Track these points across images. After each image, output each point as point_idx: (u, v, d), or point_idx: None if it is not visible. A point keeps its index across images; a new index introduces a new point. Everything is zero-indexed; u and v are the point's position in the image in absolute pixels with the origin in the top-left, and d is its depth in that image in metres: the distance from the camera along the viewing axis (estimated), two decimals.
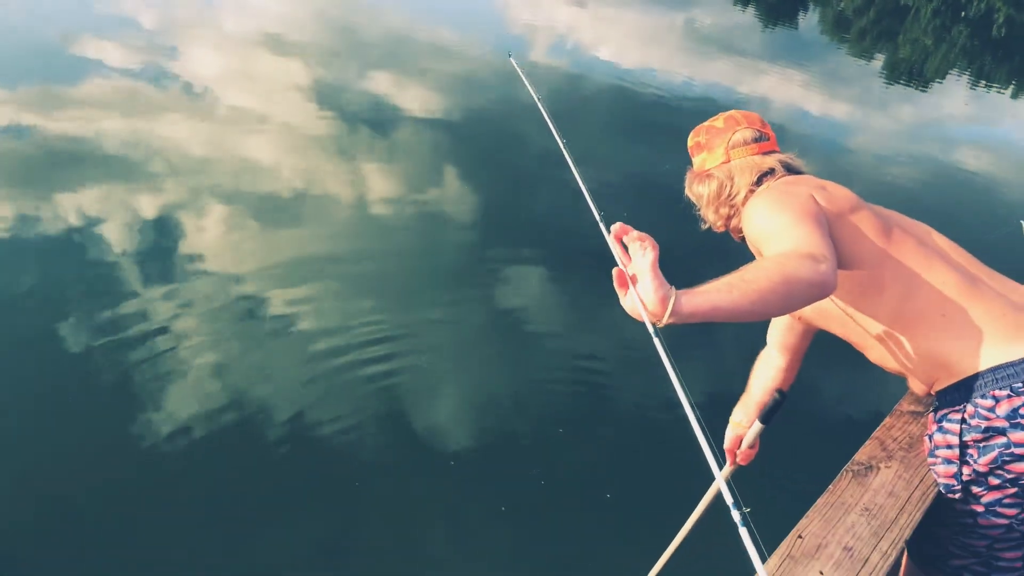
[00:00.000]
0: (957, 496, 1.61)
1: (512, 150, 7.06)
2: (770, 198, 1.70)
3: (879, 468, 1.65)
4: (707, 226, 1.95)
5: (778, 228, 1.58)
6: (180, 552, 2.94)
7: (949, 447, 1.60)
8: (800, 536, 1.45)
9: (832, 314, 1.75)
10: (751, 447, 1.93)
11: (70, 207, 5.05)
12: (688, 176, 1.98)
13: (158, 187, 5.47)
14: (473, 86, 8.82)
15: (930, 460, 1.66)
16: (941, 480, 1.63)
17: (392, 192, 6.02)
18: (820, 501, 1.55)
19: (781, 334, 2.02)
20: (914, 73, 14.96)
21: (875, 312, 1.66)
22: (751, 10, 18.63)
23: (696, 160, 1.96)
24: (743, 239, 1.87)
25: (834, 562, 1.41)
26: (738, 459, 1.98)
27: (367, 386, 3.89)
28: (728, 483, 1.20)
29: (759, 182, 1.82)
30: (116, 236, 4.81)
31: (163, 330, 4.04)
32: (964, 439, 1.57)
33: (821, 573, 1.38)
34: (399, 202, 5.87)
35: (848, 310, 1.70)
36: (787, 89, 11.14)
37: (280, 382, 3.84)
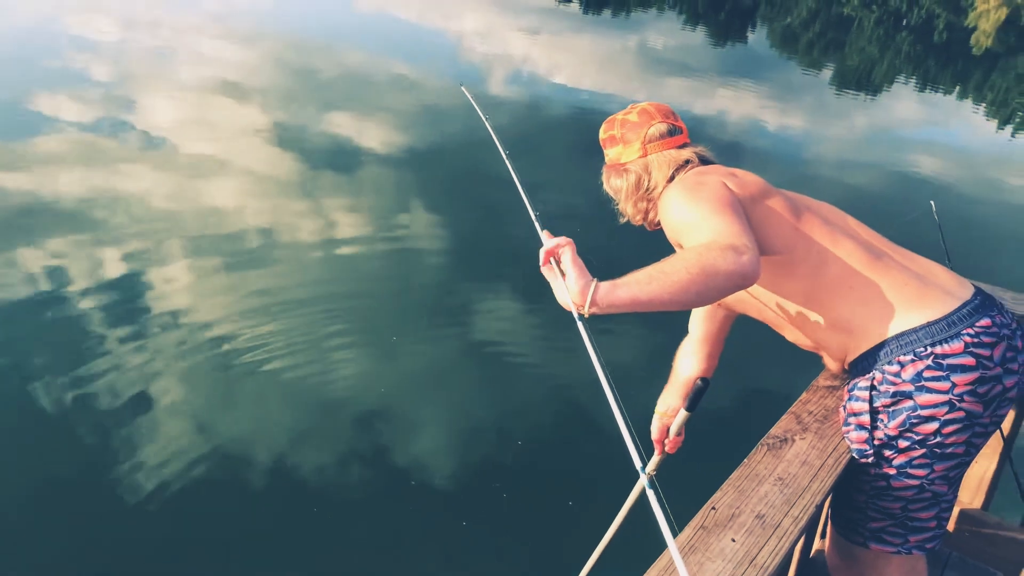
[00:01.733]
0: (870, 460, 1.67)
1: (472, 180, 7.15)
2: (684, 189, 1.74)
3: (794, 440, 1.72)
4: (625, 220, 2.00)
5: (696, 219, 1.63)
6: None
7: (860, 414, 1.67)
8: (714, 508, 1.51)
9: (747, 299, 1.82)
10: (678, 435, 1.97)
11: (33, 264, 5.03)
12: (604, 170, 2.02)
13: (121, 239, 5.47)
14: (430, 119, 8.94)
15: (844, 428, 1.73)
16: (855, 446, 1.69)
17: (357, 229, 6.08)
18: (734, 474, 1.60)
19: (701, 322, 2.09)
20: (862, 81, 15.34)
21: (788, 292, 1.73)
22: (701, 29, 19.04)
23: (611, 152, 1.99)
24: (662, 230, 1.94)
25: (746, 530, 1.46)
26: (666, 448, 2.03)
27: (341, 421, 3.93)
28: (649, 476, 1.27)
29: (676, 173, 1.87)
30: (81, 290, 4.80)
31: (136, 381, 4.05)
32: (874, 405, 1.64)
33: (733, 540, 1.43)
34: (364, 239, 5.93)
35: (762, 292, 1.77)
36: (742, 104, 11.39)
37: (256, 423, 3.88)
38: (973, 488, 2.54)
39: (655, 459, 1.99)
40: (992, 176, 9.55)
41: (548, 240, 1.57)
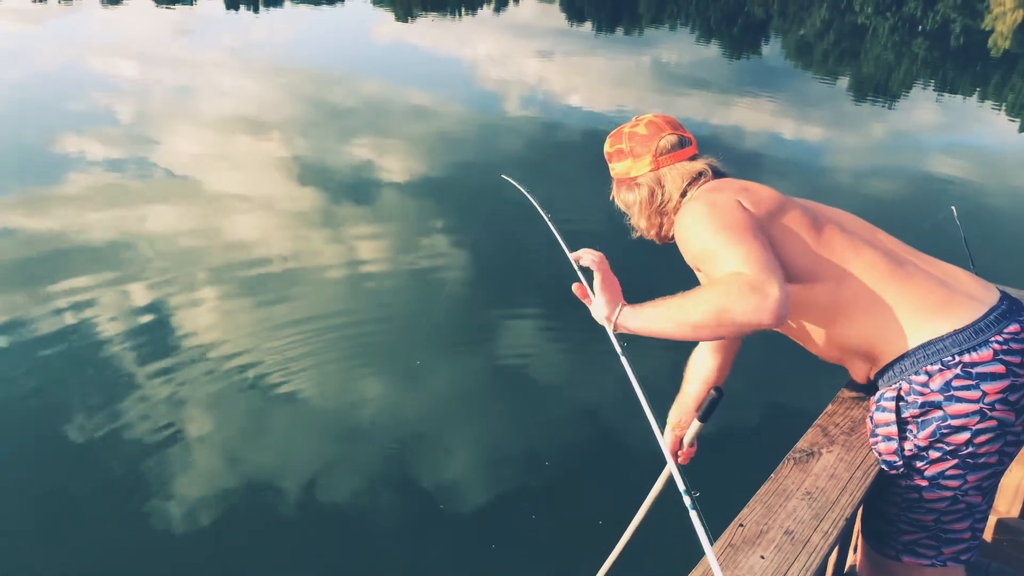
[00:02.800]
0: (900, 472, 1.65)
1: (494, 204, 7.19)
2: (701, 213, 1.70)
3: (821, 453, 1.70)
4: (639, 234, 1.98)
5: (717, 247, 1.60)
6: None
7: (887, 425, 1.64)
8: (741, 525, 1.49)
9: None
10: (691, 446, 1.97)
11: (63, 303, 5.12)
12: (615, 184, 2.00)
13: (148, 274, 5.56)
14: (449, 145, 9.02)
15: (872, 440, 1.70)
16: (884, 458, 1.67)
17: (379, 256, 6.13)
18: (762, 489, 1.59)
19: None
20: (880, 89, 15.25)
21: (809, 307, 1.71)
22: (715, 44, 19.08)
23: (618, 167, 1.95)
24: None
25: (775, 546, 1.44)
26: (679, 459, 2.02)
27: (368, 447, 3.95)
28: (680, 472, 1.30)
29: (690, 186, 1.85)
30: (110, 325, 4.88)
31: (165, 412, 4.10)
32: (902, 416, 1.62)
33: (763, 557, 1.42)
34: (386, 265, 5.98)
35: None
36: (759, 116, 11.37)
37: (284, 451, 3.91)
38: (1009, 497, 2.49)
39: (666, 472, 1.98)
40: (1014, 178, 9.43)
41: (584, 255, 1.74)
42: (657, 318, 1.58)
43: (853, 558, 2.30)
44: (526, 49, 16.57)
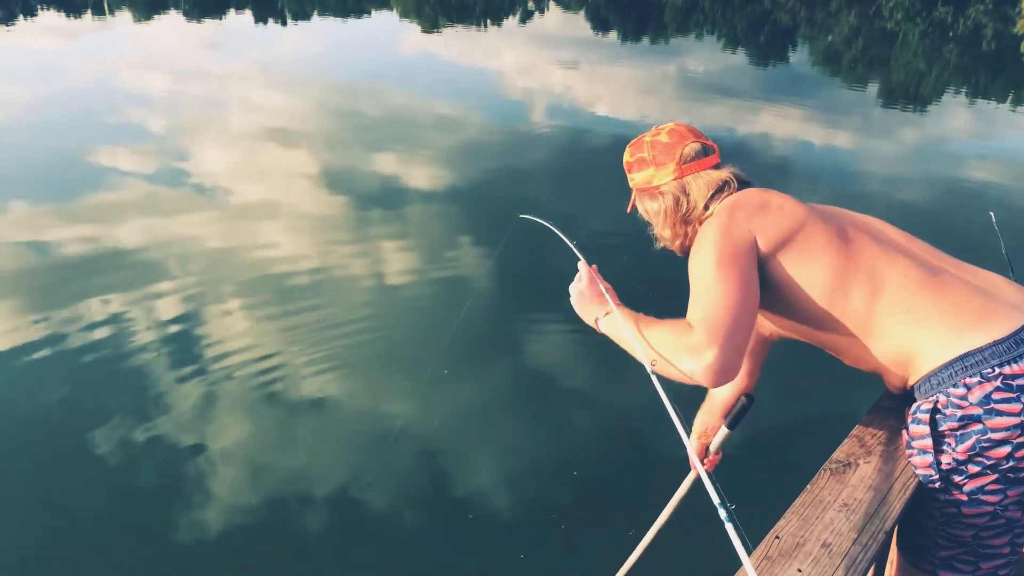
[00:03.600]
0: (938, 486, 1.60)
1: (519, 212, 7.18)
2: (710, 237, 1.69)
3: (858, 464, 1.66)
4: (662, 244, 1.96)
5: (698, 286, 1.62)
6: None
7: (922, 438, 1.60)
8: (778, 537, 1.46)
9: (800, 327, 1.77)
10: (716, 453, 1.94)
11: (95, 311, 5.20)
12: (636, 194, 1.97)
13: (180, 284, 5.63)
14: (473, 154, 9.05)
15: (908, 452, 1.66)
16: (920, 472, 1.63)
17: (405, 265, 6.15)
18: (798, 501, 1.55)
19: None
20: (911, 95, 15.06)
21: (844, 318, 1.66)
22: (741, 52, 18.97)
23: (639, 176, 1.93)
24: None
25: (812, 559, 1.41)
26: (705, 467, 1.98)
27: (396, 456, 3.95)
28: (712, 481, 1.29)
29: (715, 196, 1.82)
30: (142, 335, 4.94)
31: (193, 419, 4.14)
32: (940, 429, 1.57)
33: (799, 571, 1.39)
34: (413, 274, 6.00)
35: (817, 321, 1.70)
36: (787, 124, 11.27)
37: (311, 460, 3.93)
38: None
39: (692, 475, 1.96)
40: None
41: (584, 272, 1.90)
42: (630, 340, 1.65)
43: (890, 572, 2.24)
44: (551, 59, 16.59)
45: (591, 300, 1.84)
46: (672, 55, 18.04)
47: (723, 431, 1.67)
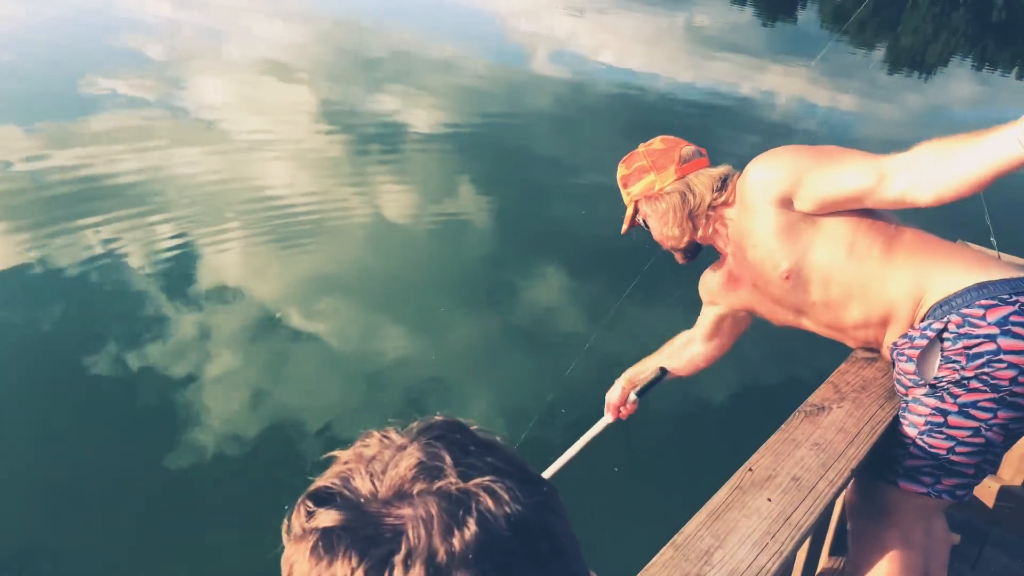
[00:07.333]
0: (930, 395, 1.67)
1: (520, 158, 7.21)
2: (796, 150, 1.87)
3: (831, 408, 1.76)
4: (669, 248, 2.03)
5: (853, 153, 1.79)
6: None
7: (918, 348, 1.68)
8: (751, 469, 1.56)
9: (824, 262, 1.79)
10: (628, 406, 2.24)
11: (92, 239, 5.22)
12: (639, 205, 2.02)
13: (173, 214, 5.64)
14: (476, 98, 8.99)
15: (899, 365, 1.73)
16: (908, 376, 1.70)
17: (407, 208, 6.19)
18: (772, 439, 1.66)
19: (710, 326, 2.17)
20: (917, 61, 14.95)
21: (867, 246, 1.75)
22: (749, 8, 18.70)
23: (640, 185, 1.99)
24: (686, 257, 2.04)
25: (782, 490, 1.52)
26: (619, 413, 2.25)
27: (395, 399, 4.03)
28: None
29: (719, 189, 1.91)
30: (135, 264, 4.98)
31: (187, 353, 4.20)
32: (952, 346, 1.64)
33: (769, 500, 1.49)
34: (415, 217, 6.04)
35: (841, 243, 1.77)
36: (792, 83, 11.20)
37: (307, 395, 4.00)
38: (1014, 466, 2.54)
39: (608, 418, 2.26)
40: None
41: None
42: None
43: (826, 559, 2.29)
44: (558, 3, 16.33)
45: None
46: (679, 7, 17.76)
47: (632, 396, 2.12)
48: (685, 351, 2.24)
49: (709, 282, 2.10)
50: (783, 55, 13.27)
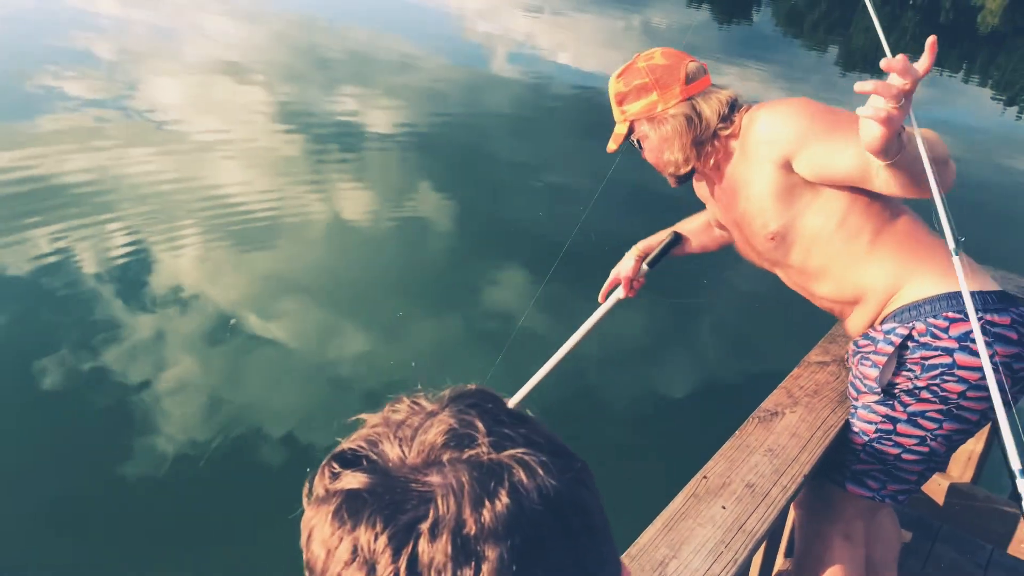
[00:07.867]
0: (883, 403, 1.69)
1: (479, 158, 7.18)
2: (814, 106, 1.78)
3: (784, 413, 1.77)
4: (668, 171, 1.87)
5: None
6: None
7: (882, 355, 1.68)
8: (705, 477, 1.56)
9: (809, 231, 1.76)
10: (638, 280, 2.21)
11: (39, 243, 5.06)
12: (636, 124, 1.85)
13: (126, 218, 5.49)
14: (434, 98, 8.94)
15: (858, 369, 1.74)
16: (866, 383, 1.71)
17: (365, 208, 6.11)
18: (726, 445, 1.66)
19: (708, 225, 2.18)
20: (869, 61, 15.25)
21: (857, 226, 1.71)
22: (705, 9, 18.92)
23: (639, 104, 1.82)
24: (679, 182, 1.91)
25: (736, 497, 1.52)
26: (628, 291, 2.21)
27: (353, 401, 3.98)
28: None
29: (725, 118, 1.79)
30: (86, 269, 4.83)
31: (142, 360, 4.08)
32: (910, 356, 1.65)
33: (724, 507, 1.50)
34: (372, 218, 5.97)
35: (831, 220, 1.73)
36: (747, 84, 11.33)
37: (264, 401, 3.92)
38: (962, 464, 2.59)
39: (621, 291, 2.20)
40: (999, 156, 9.52)
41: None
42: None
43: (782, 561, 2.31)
44: (515, 3, 16.33)
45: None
46: (636, 7, 17.89)
47: (644, 267, 2.13)
48: (698, 221, 2.19)
49: (701, 192, 2.02)
50: (738, 57, 13.44)
